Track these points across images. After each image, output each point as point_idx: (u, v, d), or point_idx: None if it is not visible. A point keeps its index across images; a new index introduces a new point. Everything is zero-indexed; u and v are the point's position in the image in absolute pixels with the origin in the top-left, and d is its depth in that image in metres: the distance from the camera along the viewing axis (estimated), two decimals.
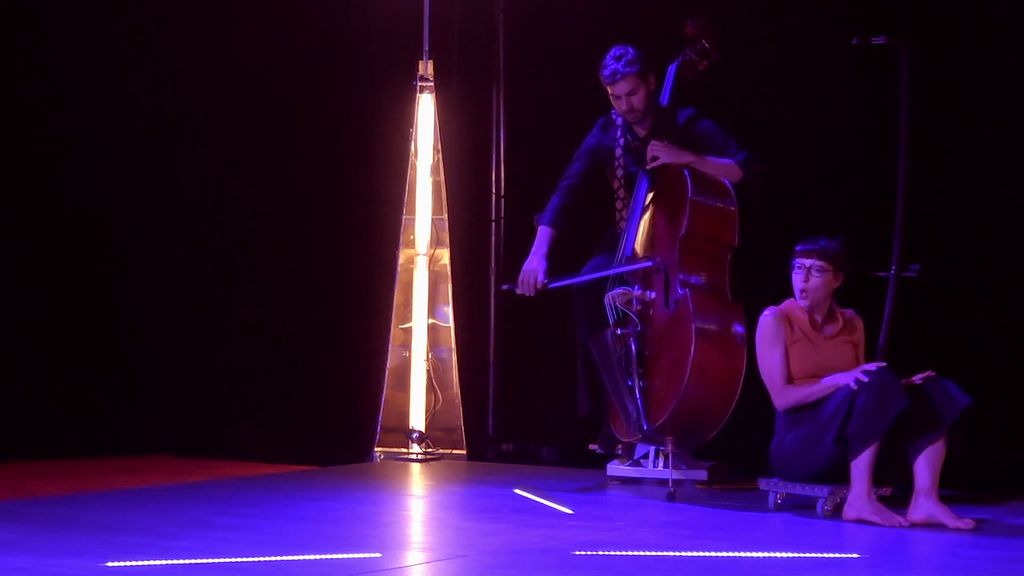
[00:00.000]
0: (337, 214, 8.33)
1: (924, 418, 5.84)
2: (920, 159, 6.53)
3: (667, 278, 6.57)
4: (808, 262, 6.15)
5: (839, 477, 5.98)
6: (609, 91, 6.82)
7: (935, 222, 7.10)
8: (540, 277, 6.81)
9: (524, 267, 6.87)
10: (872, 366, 5.92)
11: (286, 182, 8.36)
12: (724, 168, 6.70)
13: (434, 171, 7.97)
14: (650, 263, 6.60)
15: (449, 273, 7.97)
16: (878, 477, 5.85)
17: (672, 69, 6.84)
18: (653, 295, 6.62)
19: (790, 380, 6.14)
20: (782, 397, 6.15)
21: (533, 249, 6.90)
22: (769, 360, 6.18)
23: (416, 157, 7.96)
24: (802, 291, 6.16)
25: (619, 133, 6.94)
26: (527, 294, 6.84)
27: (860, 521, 5.79)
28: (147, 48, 8.22)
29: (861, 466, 5.81)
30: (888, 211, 6.45)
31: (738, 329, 6.46)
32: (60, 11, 8.07)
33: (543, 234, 6.93)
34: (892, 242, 6.41)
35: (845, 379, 5.93)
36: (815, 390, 6.04)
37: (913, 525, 5.75)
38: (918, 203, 6.58)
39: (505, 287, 6.96)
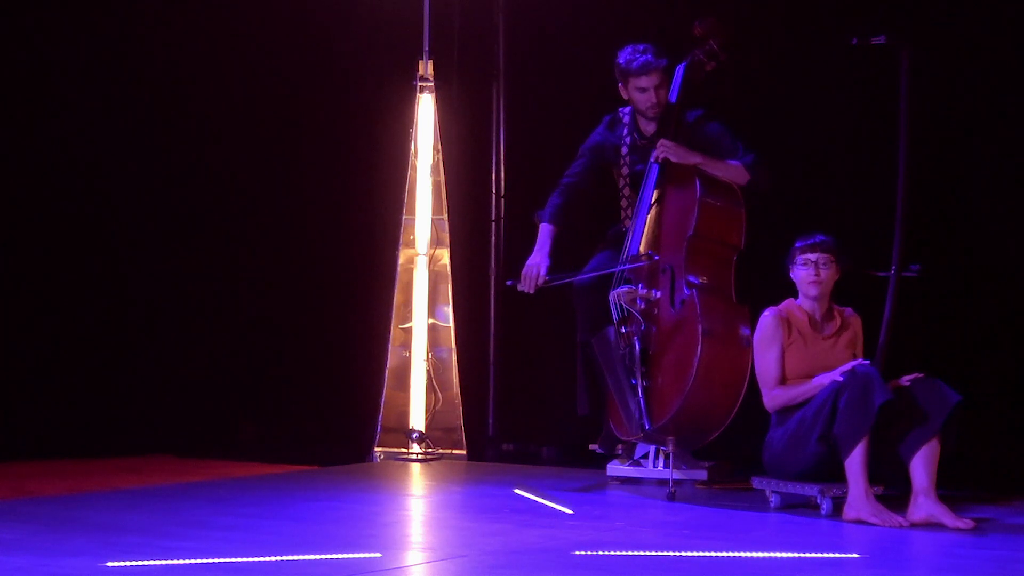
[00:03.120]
0: (337, 214, 8.33)
1: (915, 418, 5.85)
2: (920, 159, 6.53)
3: (673, 278, 6.57)
4: (814, 256, 6.17)
5: (827, 475, 5.99)
6: (633, 83, 6.80)
7: (935, 222, 7.10)
8: (542, 273, 6.80)
9: (527, 263, 6.86)
10: (852, 364, 5.93)
11: (286, 182, 8.36)
12: (732, 170, 6.69)
13: (434, 171, 7.96)
14: (644, 263, 6.60)
15: (449, 273, 7.97)
16: (871, 476, 5.86)
17: (680, 69, 6.85)
18: (658, 294, 6.62)
19: (783, 381, 6.16)
20: (771, 399, 6.20)
21: (536, 246, 6.89)
22: (763, 361, 6.22)
23: (416, 157, 7.96)
24: (813, 283, 6.17)
25: (626, 131, 6.94)
26: (528, 291, 6.84)
27: (859, 522, 5.79)
28: (147, 49, 8.21)
29: (854, 465, 5.82)
30: (888, 211, 6.45)
31: (744, 331, 6.46)
32: (60, 11, 8.06)
33: (545, 231, 6.93)
34: (892, 242, 6.41)
35: (829, 378, 5.95)
36: (802, 391, 6.07)
37: (913, 525, 5.75)
38: (918, 203, 6.58)
39: (508, 283, 6.95)
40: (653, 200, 6.76)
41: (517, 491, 6.56)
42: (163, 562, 4.74)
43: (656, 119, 6.86)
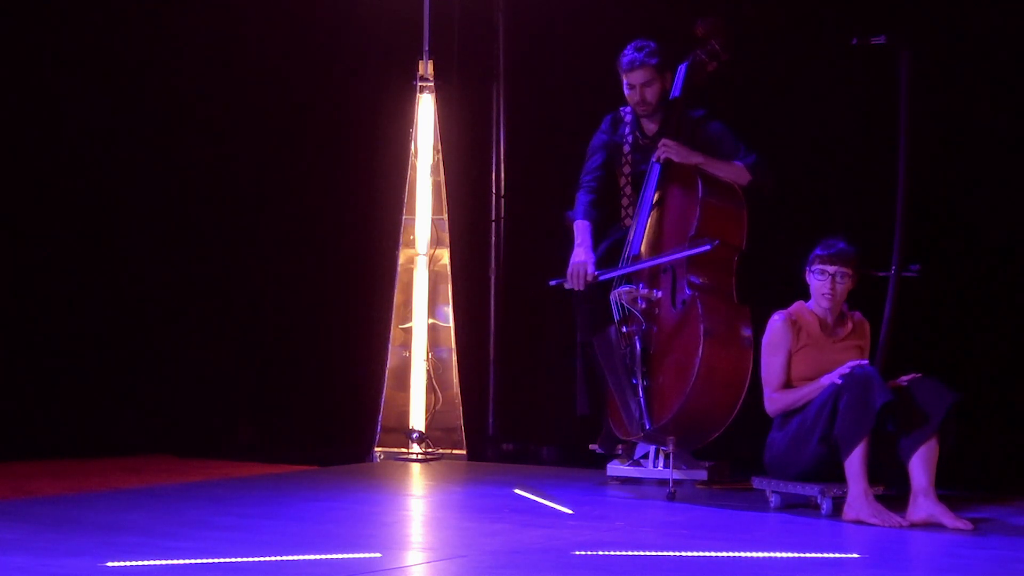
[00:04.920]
0: (337, 214, 8.33)
1: (914, 418, 5.85)
2: (920, 159, 6.53)
3: (674, 278, 6.57)
4: (832, 268, 6.14)
5: (828, 475, 6.00)
6: (624, 79, 6.81)
7: (935, 222, 7.10)
8: (591, 269, 6.74)
9: (572, 260, 6.77)
10: (851, 365, 5.93)
11: (286, 182, 8.36)
12: (733, 171, 6.69)
13: (434, 171, 7.97)
14: (708, 247, 6.52)
15: (449, 273, 7.97)
16: (870, 476, 5.86)
17: (682, 69, 6.84)
18: (660, 294, 6.62)
19: (787, 385, 6.16)
20: (772, 403, 6.20)
21: (577, 242, 6.81)
22: (769, 364, 6.21)
23: (416, 157, 7.96)
24: (826, 296, 6.15)
25: (628, 131, 6.94)
26: (577, 288, 6.76)
27: (859, 522, 5.79)
28: (148, 49, 8.21)
29: (854, 466, 5.82)
30: (888, 211, 6.45)
31: (745, 332, 6.46)
32: (62, 10, 8.06)
33: (583, 228, 6.85)
34: (892, 242, 6.41)
35: (829, 379, 5.95)
36: (802, 395, 6.07)
37: (913, 525, 5.75)
38: (918, 203, 6.58)
39: (553, 283, 6.85)
40: (655, 200, 6.76)
41: (517, 491, 6.56)
42: (163, 562, 4.74)
43: (647, 117, 6.85)
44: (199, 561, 4.78)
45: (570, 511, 6.03)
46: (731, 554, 5.11)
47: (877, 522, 5.75)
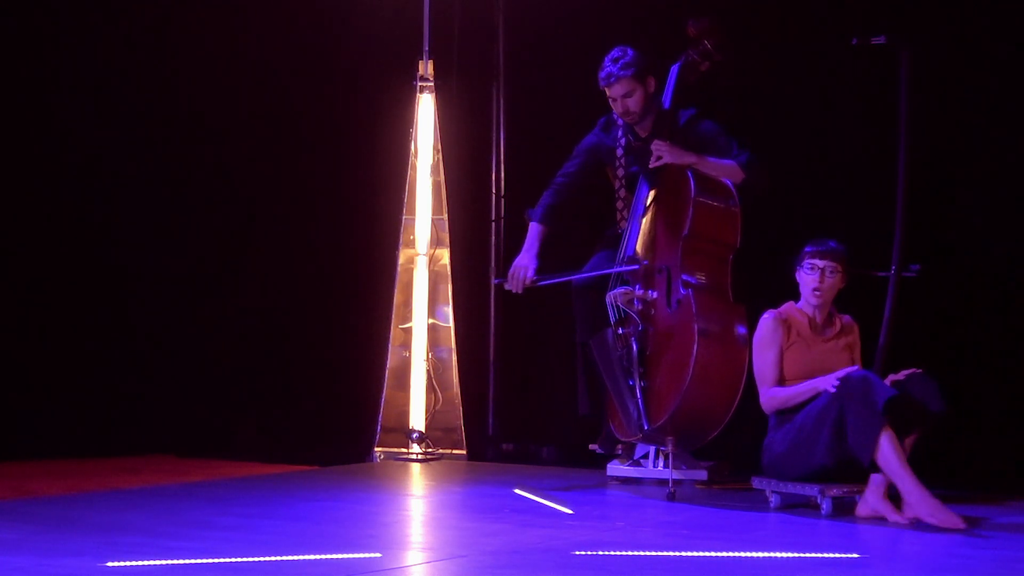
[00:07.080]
0: (337, 214, 8.33)
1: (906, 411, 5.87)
2: (920, 159, 6.53)
3: (669, 278, 6.57)
4: (822, 263, 6.18)
5: (830, 478, 6.00)
6: (606, 92, 6.83)
7: (935, 222, 7.10)
8: (530, 274, 6.81)
9: (514, 263, 6.87)
10: (846, 371, 5.93)
11: (286, 182, 8.36)
12: (726, 169, 6.69)
13: (434, 171, 7.97)
14: (636, 266, 6.59)
15: (449, 273, 7.98)
16: (855, 477, 5.86)
17: (674, 70, 6.84)
18: (655, 295, 6.62)
19: (781, 382, 6.16)
20: (767, 400, 6.20)
21: (525, 246, 6.90)
22: (761, 362, 6.23)
23: (416, 157, 7.96)
24: (815, 290, 6.18)
25: (620, 133, 6.94)
26: (514, 291, 6.85)
27: (918, 521, 5.72)
28: (147, 49, 8.22)
29: (891, 464, 5.71)
30: (888, 211, 6.45)
31: (740, 330, 6.46)
32: (61, 11, 8.06)
33: (534, 231, 6.93)
34: (892, 242, 6.41)
35: (824, 384, 5.95)
36: (798, 392, 6.08)
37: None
38: (918, 203, 6.58)
39: (496, 281, 6.95)
40: (648, 201, 6.76)
41: (517, 491, 6.56)
42: (163, 562, 4.74)
43: (637, 124, 6.86)
44: (199, 561, 4.78)
45: (570, 511, 6.03)
46: (731, 554, 5.12)
47: (934, 522, 5.66)
